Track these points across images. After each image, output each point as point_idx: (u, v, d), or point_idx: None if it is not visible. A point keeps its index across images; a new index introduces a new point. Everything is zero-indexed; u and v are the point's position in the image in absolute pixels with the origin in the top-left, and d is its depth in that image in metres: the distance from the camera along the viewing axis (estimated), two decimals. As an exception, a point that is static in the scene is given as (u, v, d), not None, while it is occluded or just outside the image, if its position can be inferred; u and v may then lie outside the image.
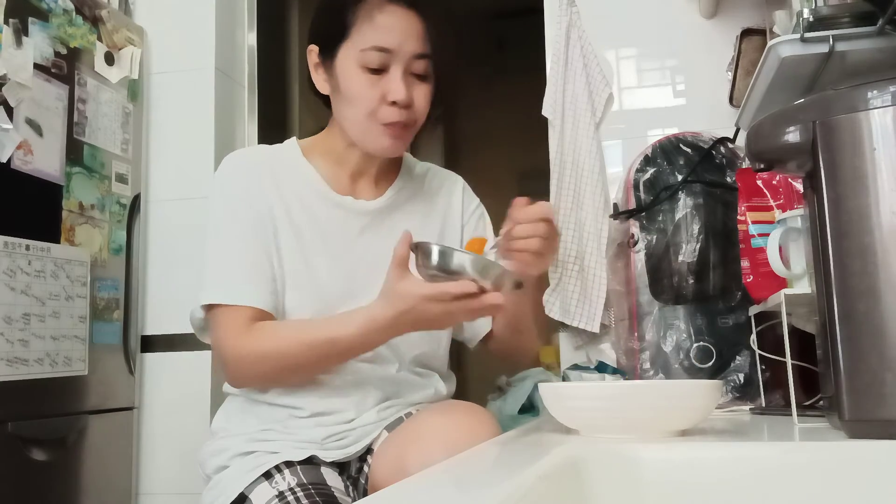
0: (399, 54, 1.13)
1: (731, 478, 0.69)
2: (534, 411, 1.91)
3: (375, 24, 1.13)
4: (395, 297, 1.01)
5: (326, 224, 1.18)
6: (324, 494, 1.07)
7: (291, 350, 1.09)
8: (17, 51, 1.65)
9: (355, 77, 1.14)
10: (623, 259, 1.56)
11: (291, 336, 1.10)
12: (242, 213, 1.15)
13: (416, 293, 0.99)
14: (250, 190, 1.16)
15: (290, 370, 1.12)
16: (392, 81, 1.13)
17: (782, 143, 0.80)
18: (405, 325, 1.04)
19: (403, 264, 1.01)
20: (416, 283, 1.00)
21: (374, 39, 1.13)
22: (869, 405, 0.72)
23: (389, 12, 1.14)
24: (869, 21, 1.10)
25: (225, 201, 1.18)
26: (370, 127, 1.15)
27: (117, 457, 1.93)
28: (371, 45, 1.12)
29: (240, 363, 1.11)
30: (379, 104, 1.14)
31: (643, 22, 1.84)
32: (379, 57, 1.13)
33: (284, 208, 1.17)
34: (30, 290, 1.63)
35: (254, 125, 2.32)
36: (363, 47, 1.13)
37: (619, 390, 0.94)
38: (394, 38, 1.13)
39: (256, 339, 1.09)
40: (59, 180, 1.77)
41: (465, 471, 0.67)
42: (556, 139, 1.80)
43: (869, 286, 0.72)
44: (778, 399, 1.30)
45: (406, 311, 1.01)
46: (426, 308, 1.00)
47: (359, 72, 1.14)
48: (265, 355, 1.10)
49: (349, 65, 1.15)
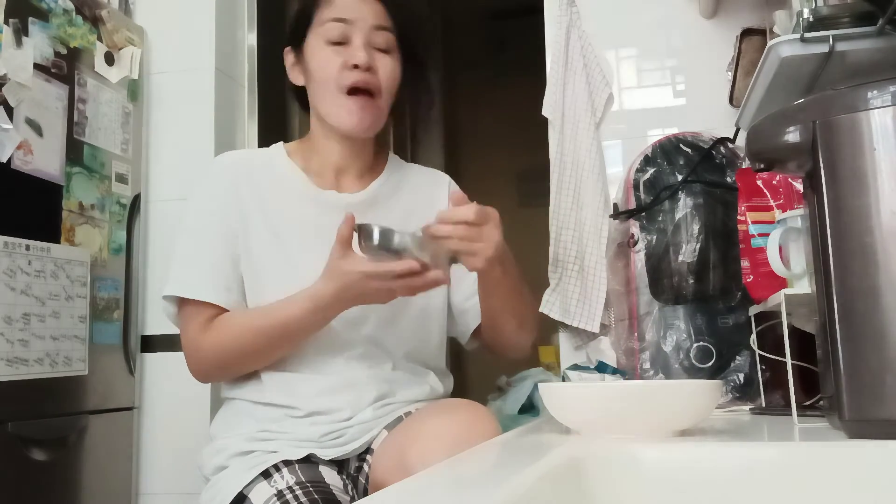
0: (358, 25, 1.21)
1: (731, 478, 0.69)
2: (534, 411, 1.91)
3: (334, 2, 1.22)
4: (336, 274, 1.07)
5: (308, 219, 1.21)
6: (322, 492, 1.07)
7: (245, 339, 1.14)
8: (17, 51, 1.65)
9: (320, 52, 1.22)
10: (623, 259, 1.56)
11: (244, 325, 1.15)
12: (209, 217, 1.21)
13: (357, 270, 1.05)
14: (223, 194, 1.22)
15: (248, 358, 1.16)
16: (352, 48, 1.20)
17: (782, 143, 0.80)
18: (348, 301, 1.10)
19: (346, 243, 1.06)
20: (358, 260, 1.05)
21: (334, 12, 1.21)
22: (869, 405, 0.72)
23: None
24: (869, 21, 1.10)
25: (196, 203, 1.25)
26: (339, 100, 1.21)
27: (117, 457, 1.93)
28: (331, 17, 1.21)
29: (198, 357, 1.17)
30: (341, 70, 1.20)
31: (643, 22, 1.84)
32: (339, 27, 1.21)
33: (262, 209, 1.22)
34: (30, 290, 1.63)
35: (254, 125, 2.32)
36: (324, 21, 1.21)
37: (619, 390, 0.94)
38: (351, 10, 1.21)
39: (212, 333, 1.15)
40: (59, 180, 1.77)
41: (465, 471, 0.67)
42: (556, 139, 1.80)
43: (869, 286, 0.72)
44: (778, 399, 1.30)
45: (348, 286, 1.07)
46: (368, 284, 1.06)
47: (323, 46, 1.22)
48: (222, 347, 1.15)
49: (315, 43, 1.23)
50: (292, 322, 1.12)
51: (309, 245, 1.18)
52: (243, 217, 1.21)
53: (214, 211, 1.22)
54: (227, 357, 1.16)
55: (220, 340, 1.15)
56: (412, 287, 1.07)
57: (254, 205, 1.22)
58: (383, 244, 1.04)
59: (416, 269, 1.03)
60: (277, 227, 1.21)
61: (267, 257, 1.19)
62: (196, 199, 1.25)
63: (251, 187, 1.23)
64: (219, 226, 1.21)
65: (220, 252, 1.19)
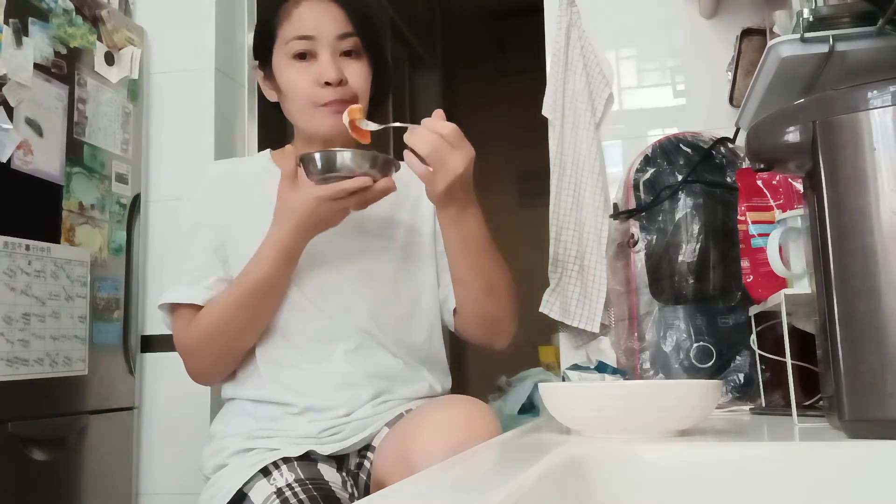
0: (321, 38, 1.22)
1: (731, 478, 0.69)
2: (534, 411, 1.91)
3: (293, 18, 1.23)
4: (290, 208, 1.11)
5: None
6: (321, 489, 1.07)
7: (226, 316, 1.16)
8: (17, 51, 1.65)
9: (287, 69, 1.24)
10: (623, 259, 1.56)
11: (221, 304, 1.17)
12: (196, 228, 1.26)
13: (312, 196, 1.08)
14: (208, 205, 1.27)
15: (234, 335, 1.18)
16: (321, 64, 1.21)
17: (782, 143, 0.80)
18: (308, 231, 1.13)
19: (292, 177, 1.11)
20: (309, 187, 1.09)
21: (295, 30, 1.22)
22: (869, 405, 0.72)
23: (305, 5, 1.24)
24: (869, 21, 1.10)
25: (186, 215, 1.30)
26: (312, 112, 1.23)
27: (117, 457, 1.93)
28: (293, 36, 1.22)
29: (191, 353, 1.20)
30: (313, 88, 1.21)
31: (643, 22, 1.84)
32: (302, 44, 1.22)
33: (248, 212, 1.25)
34: (30, 290, 1.63)
35: (254, 125, 2.32)
36: (287, 40, 1.23)
37: (619, 390, 0.94)
38: (312, 25, 1.22)
39: (195, 324, 1.18)
40: (59, 180, 1.77)
41: (465, 471, 0.67)
42: (556, 139, 1.80)
43: (869, 286, 0.72)
44: (778, 399, 1.30)
45: (306, 216, 1.10)
46: (324, 208, 1.09)
47: (289, 63, 1.23)
48: (207, 334, 1.17)
49: (281, 61, 1.24)
50: (265, 278, 1.15)
51: None
52: (231, 222, 1.25)
53: (201, 221, 1.26)
54: (213, 340, 1.18)
55: (202, 327, 1.17)
56: (365, 200, 1.11)
57: (241, 209, 1.26)
58: (327, 167, 1.08)
59: (367, 185, 1.08)
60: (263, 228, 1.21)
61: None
62: (184, 211, 1.31)
63: (238, 193, 1.28)
64: (206, 233, 1.25)
65: (206, 257, 1.23)
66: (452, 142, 1.08)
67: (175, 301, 1.21)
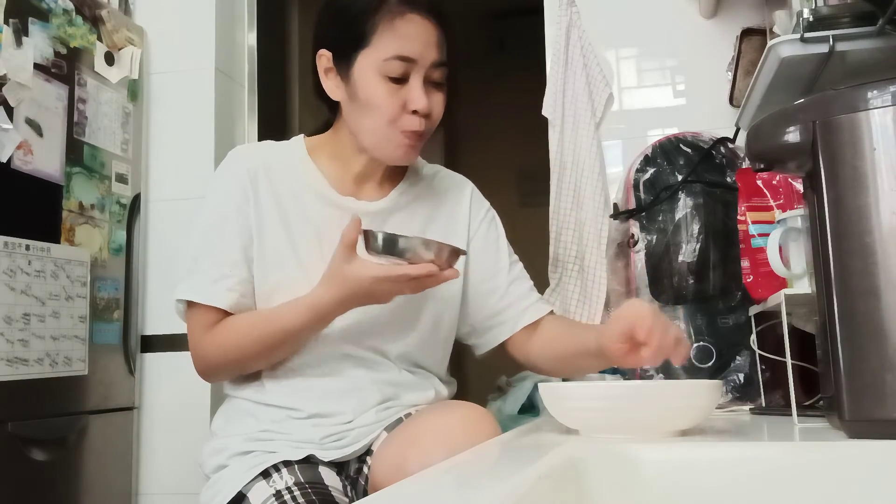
0: (420, 63, 1.13)
1: (731, 478, 0.69)
2: (534, 411, 1.91)
3: (397, 33, 1.13)
4: (341, 279, 1.06)
5: (323, 224, 1.18)
6: (321, 493, 1.07)
7: (246, 344, 1.14)
8: (17, 51, 1.65)
9: (377, 86, 1.14)
10: (623, 259, 1.56)
11: (244, 331, 1.14)
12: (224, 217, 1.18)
13: (369, 275, 1.04)
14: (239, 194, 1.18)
15: (248, 360, 1.16)
16: (413, 90, 1.13)
17: (782, 143, 0.80)
18: (351, 304, 1.09)
19: (352, 247, 1.05)
20: (368, 265, 1.05)
21: (397, 48, 1.12)
22: (869, 405, 0.72)
23: (410, 20, 1.14)
24: (869, 21, 1.10)
25: (213, 201, 1.21)
26: (389, 136, 1.15)
27: (117, 457, 1.93)
28: (394, 55, 1.12)
29: (203, 359, 1.17)
30: (400, 113, 1.14)
31: (643, 22, 1.84)
32: (401, 66, 1.12)
33: (278, 208, 1.18)
34: (30, 290, 1.63)
35: (254, 125, 2.32)
36: (386, 56, 1.12)
37: (619, 390, 0.94)
38: (416, 47, 1.13)
39: (215, 336, 1.15)
40: (59, 180, 1.77)
41: (465, 471, 0.67)
42: (556, 139, 1.80)
43: (869, 286, 0.72)
44: (778, 399, 1.30)
45: (354, 291, 1.06)
46: (378, 287, 1.05)
47: (380, 80, 1.13)
48: (224, 351, 1.15)
49: (369, 73, 1.14)
50: (291, 330, 1.11)
51: (322, 250, 1.17)
52: (260, 216, 1.18)
53: (230, 211, 1.18)
54: (228, 359, 1.16)
55: (221, 344, 1.15)
56: (423, 286, 1.07)
57: (271, 203, 1.19)
58: (388, 249, 1.03)
59: (433, 272, 1.03)
60: (292, 229, 1.18)
61: (279, 260, 1.18)
62: (212, 196, 1.21)
63: (268, 183, 1.19)
64: (234, 226, 1.17)
65: (233, 255, 1.17)
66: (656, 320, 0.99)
67: (196, 300, 1.16)
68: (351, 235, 1.05)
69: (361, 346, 1.18)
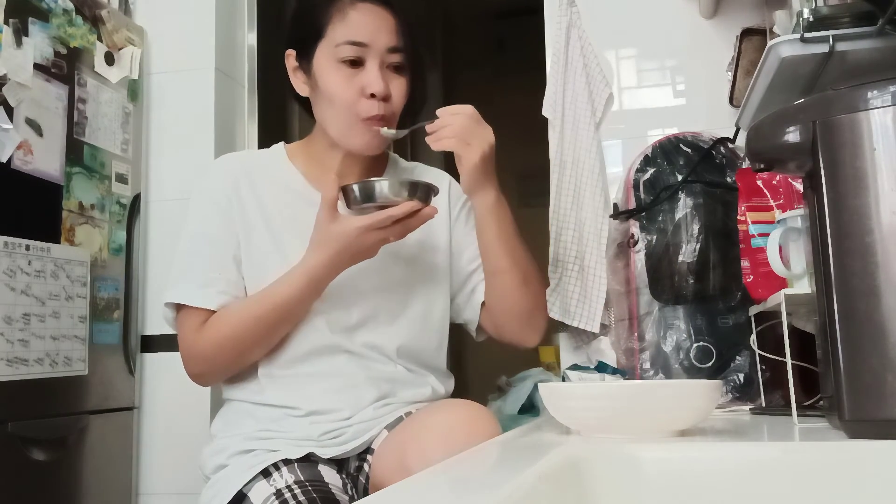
0: (373, 48, 1.17)
1: (731, 478, 0.69)
2: (534, 411, 1.91)
3: (348, 21, 1.18)
4: (330, 237, 1.08)
5: (305, 223, 1.19)
6: (321, 491, 1.07)
7: (243, 329, 1.14)
8: (17, 51, 1.65)
9: (332, 73, 1.18)
10: (623, 259, 1.56)
11: (240, 316, 1.14)
12: (209, 221, 1.21)
13: (354, 227, 1.07)
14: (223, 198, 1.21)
15: (248, 348, 1.16)
16: (369, 74, 1.17)
17: (782, 143, 0.80)
18: (343, 263, 1.11)
19: (333, 206, 1.08)
20: (350, 218, 1.08)
21: (348, 34, 1.17)
22: (869, 405, 0.72)
23: (360, 9, 1.19)
24: (869, 21, 1.10)
25: (197, 206, 1.23)
26: (351, 122, 1.19)
27: (117, 457, 1.93)
28: (345, 40, 1.17)
29: (197, 357, 1.17)
30: (357, 98, 1.17)
31: (643, 22, 1.84)
32: (354, 50, 1.17)
33: (261, 211, 1.21)
34: (30, 290, 1.63)
35: (254, 125, 2.32)
36: (338, 42, 1.17)
37: (619, 390, 0.94)
38: (367, 32, 1.17)
39: (208, 331, 1.15)
40: (59, 180, 1.77)
41: (465, 471, 0.67)
42: (556, 139, 1.80)
43: (869, 286, 0.72)
44: (778, 399, 1.30)
45: (346, 246, 1.08)
46: (366, 238, 1.08)
47: (336, 67, 1.18)
48: (220, 342, 1.14)
49: (326, 62, 1.19)
50: (289, 302, 1.13)
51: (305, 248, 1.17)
52: (244, 219, 1.21)
53: (215, 215, 1.21)
54: (224, 352, 1.15)
55: (216, 336, 1.14)
56: (407, 228, 1.10)
57: (254, 206, 1.22)
58: (367, 197, 1.07)
59: (416, 208, 1.07)
60: (276, 230, 1.20)
61: (266, 260, 1.19)
62: (197, 202, 1.24)
63: (251, 189, 1.23)
64: (219, 230, 1.20)
65: (220, 257, 1.19)
66: (476, 118, 1.13)
67: (185, 303, 1.17)
68: (331, 194, 1.08)
69: (354, 342, 1.19)
